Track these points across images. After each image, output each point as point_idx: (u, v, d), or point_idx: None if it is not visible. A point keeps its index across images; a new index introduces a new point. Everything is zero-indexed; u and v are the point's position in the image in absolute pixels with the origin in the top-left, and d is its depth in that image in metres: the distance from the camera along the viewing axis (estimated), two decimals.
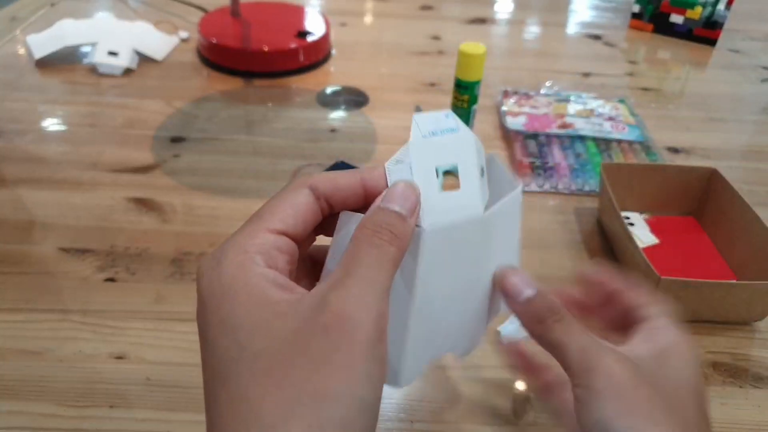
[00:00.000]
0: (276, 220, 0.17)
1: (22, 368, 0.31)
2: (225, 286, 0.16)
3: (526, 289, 0.19)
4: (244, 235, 0.17)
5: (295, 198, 0.17)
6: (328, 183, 0.18)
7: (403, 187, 0.17)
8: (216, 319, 0.15)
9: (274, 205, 0.17)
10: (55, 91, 0.57)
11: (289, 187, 0.18)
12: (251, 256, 0.16)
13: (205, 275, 0.16)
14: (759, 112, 0.60)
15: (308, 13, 0.69)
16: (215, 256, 0.16)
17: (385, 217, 0.17)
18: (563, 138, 0.52)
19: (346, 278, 0.15)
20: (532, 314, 0.19)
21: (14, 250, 0.39)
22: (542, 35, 0.76)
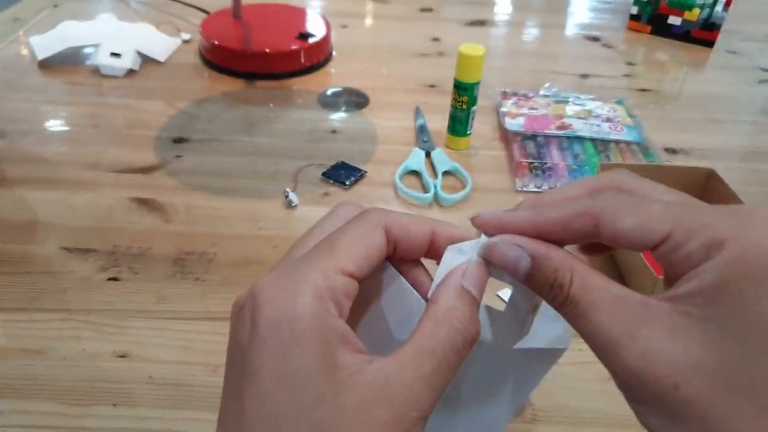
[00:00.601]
0: (351, 261, 0.16)
1: (25, 367, 0.31)
2: (297, 335, 0.14)
3: (519, 261, 0.16)
4: (319, 273, 0.15)
5: (371, 239, 0.16)
6: (402, 229, 0.17)
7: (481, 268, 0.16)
8: (276, 366, 0.14)
9: (348, 241, 0.16)
10: (57, 91, 0.57)
11: (365, 223, 0.17)
12: (326, 303, 0.15)
13: (270, 308, 0.15)
14: (757, 113, 0.61)
15: (309, 15, 0.69)
16: (284, 289, 0.15)
17: (470, 309, 0.16)
18: (562, 139, 0.52)
19: (417, 379, 0.14)
20: (540, 287, 0.16)
21: (17, 250, 0.39)
22: (541, 37, 0.76)
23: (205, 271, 0.38)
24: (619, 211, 0.15)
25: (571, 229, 0.16)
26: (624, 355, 0.14)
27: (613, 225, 0.15)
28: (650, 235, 0.14)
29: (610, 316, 0.14)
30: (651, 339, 0.14)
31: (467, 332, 0.16)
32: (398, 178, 0.47)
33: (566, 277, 0.15)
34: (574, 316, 0.15)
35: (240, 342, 0.15)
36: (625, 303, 0.14)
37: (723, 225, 0.14)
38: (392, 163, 0.49)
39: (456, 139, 0.52)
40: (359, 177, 0.47)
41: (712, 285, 0.13)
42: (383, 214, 0.17)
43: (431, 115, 0.56)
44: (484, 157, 0.51)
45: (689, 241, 0.14)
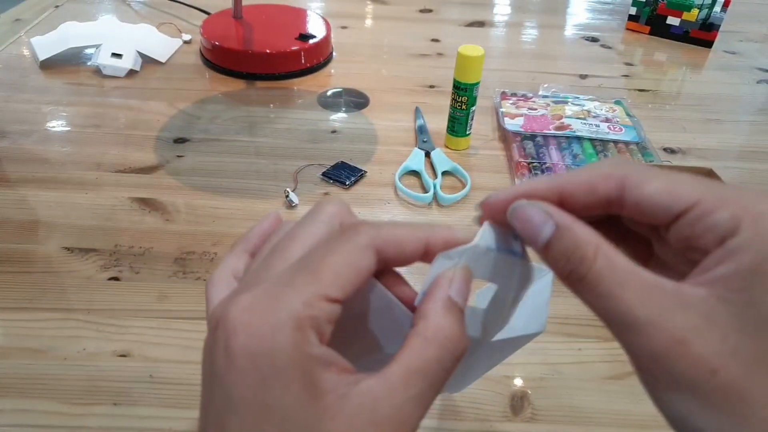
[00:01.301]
0: (337, 287, 0.15)
1: (26, 366, 0.31)
2: (279, 367, 0.14)
3: (543, 226, 0.15)
4: (301, 301, 0.14)
5: (360, 263, 0.15)
6: (395, 247, 0.16)
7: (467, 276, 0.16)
8: (258, 399, 0.14)
9: (335, 264, 0.15)
10: (59, 92, 0.58)
11: (354, 245, 0.15)
12: (306, 333, 0.14)
13: (246, 337, 0.14)
14: (755, 113, 0.61)
15: (309, 15, 0.69)
16: (261, 316, 0.14)
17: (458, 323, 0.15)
18: (560, 139, 0.53)
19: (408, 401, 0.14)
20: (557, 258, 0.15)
21: (18, 250, 0.39)
22: (540, 38, 0.77)
23: (206, 271, 0.38)
24: (646, 175, 0.14)
25: (596, 192, 0.15)
26: (656, 335, 0.13)
27: (639, 188, 0.14)
28: (677, 201, 0.14)
29: (641, 298, 0.14)
30: (687, 324, 0.13)
31: (456, 350, 0.15)
32: (398, 178, 0.47)
33: (590, 252, 0.14)
34: (595, 295, 0.14)
35: (216, 368, 0.14)
36: (657, 286, 0.14)
37: (752, 199, 0.13)
38: (392, 163, 0.49)
39: (455, 139, 0.52)
40: (359, 177, 0.48)
41: (748, 267, 0.13)
42: (374, 232, 0.16)
43: (431, 115, 0.56)
44: (484, 158, 0.52)
45: (718, 209, 0.13)
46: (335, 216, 0.17)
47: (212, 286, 0.18)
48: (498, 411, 0.31)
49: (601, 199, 0.15)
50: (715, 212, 0.13)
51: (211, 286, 0.18)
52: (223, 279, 0.18)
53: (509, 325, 0.18)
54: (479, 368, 0.21)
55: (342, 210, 0.17)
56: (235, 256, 0.19)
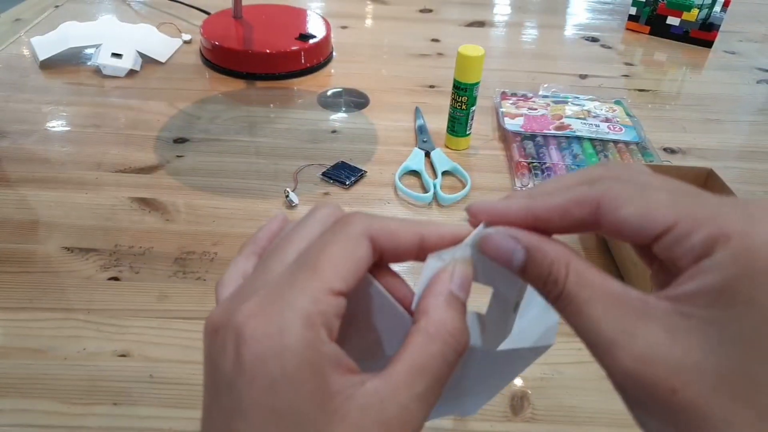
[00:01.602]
0: (339, 278, 0.14)
1: (26, 366, 0.31)
2: (289, 370, 0.13)
3: (514, 254, 0.15)
4: (308, 297, 0.14)
5: (356, 251, 0.15)
6: (389, 237, 0.16)
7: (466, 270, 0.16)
8: (268, 404, 0.13)
9: (334, 256, 0.15)
10: (59, 92, 0.58)
11: (349, 234, 0.15)
12: (318, 330, 0.14)
13: (256, 342, 0.13)
14: (755, 113, 0.61)
15: (309, 15, 0.69)
16: (270, 319, 0.14)
17: (460, 316, 0.15)
18: (560, 139, 0.53)
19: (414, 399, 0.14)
20: (535, 280, 0.15)
21: (19, 250, 0.39)
22: (540, 38, 0.77)
23: (206, 271, 0.38)
24: (620, 197, 0.14)
25: (570, 217, 0.15)
26: (620, 355, 0.13)
27: (614, 212, 0.14)
28: (653, 224, 0.14)
29: (606, 314, 0.14)
30: (649, 340, 0.13)
31: (459, 345, 0.15)
32: (398, 178, 0.47)
33: (561, 272, 0.14)
34: (569, 313, 0.14)
35: (223, 373, 0.14)
36: (623, 301, 0.14)
37: (729, 217, 0.13)
38: (392, 163, 0.49)
39: (455, 139, 0.52)
40: (359, 177, 0.48)
41: (715, 285, 0.12)
42: (367, 221, 0.16)
43: (431, 115, 0.56)
44: (484, 157, 0.52)
45: (694, 232, 0.13)
46: (329, 216, 0.17)
47: (222, 287, 0.18)
48: (498, 411, 0.31)
49: (575, 222, 0.15)
50: (690, 234, 0.13)
51: (220, 287, 0.18)
52: (232, 281, 0.18)
53: (518, 336, 0.18)
54: (488, 384, 0.20)
55: (336, 212, 0.17)
56: (243, 258, 0.19)
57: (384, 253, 0.16)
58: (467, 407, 0.21)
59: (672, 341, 0.13)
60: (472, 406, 0.20)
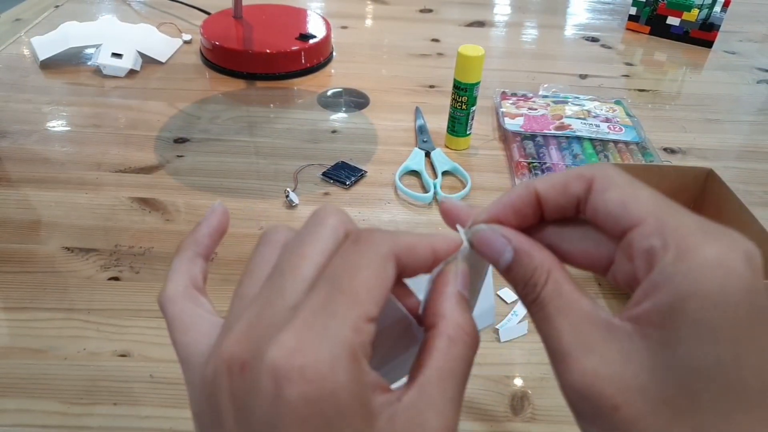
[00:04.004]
0: (374, 304, 0.14)
1: (26, 366, 0.31)
2: (342, 409, 0.13)
3: (503, 253, 0.16)
4: (349, 327, 0.13)
5: (386, 274, 0.15)
6: (410, 255, 0.15)
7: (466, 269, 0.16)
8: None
9: (368, 281, 0.14)
10: (59, 92, 0.58)
11: (379, 255, 0.15)
12: (361, 362, 0.13)
13: (307, 384, 0.12)
14: (755, 113, 0.61)
15: (310, 15, 0.69)
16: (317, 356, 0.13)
17: (472, 317, 0.15)
18: (560, 139, 0.53)
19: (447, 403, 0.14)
20: (516, 281, 0.16)
21: (19, 250, 0.39)
22: (540, 38, 0.77)
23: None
24: (611, 180, 0.15)
25: (568, 191, 0.15)
26: (572, 367, 0.14)
27: (601, 193, 0.15)
28: (627, 216, 0.14)
29: (571, 327, 0.14)
30: (604, 357, 0.13)
31: (475, 345, 0.15)
32: (398, 177, 0.47)
33: (542, 278, 0.15)
34: (539, 318, 0.15)
35: (258, 416, 0.13)
36: (590, 318, 0.14)
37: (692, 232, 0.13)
38: (392, 163, 0.49)
39: (455, 139, 0.52)
40: (359, 177, 0.48)
41: (667, 304, 0.13)
42: (391, 240, 0.15)
43: (431, 115, 0.56)
44: (484, 157, 0.52)
45: (654, 235, 0.13)
46: (339, 226, 0.16)
47: (171, 303, 0.16)
48: (498, 411, 0.31)
49: (571, 199, 0.15)
50: (651, 237, 0.14)
51: (169, 303, 0.16)
52: (181, 293, 0.17)
53: None
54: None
55: (343, 218, 0.16)
56: (187, 262, 0.17)
57: (404, 270, 0.16)
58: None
59: (626, 362, 0.13)
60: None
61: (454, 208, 0.18)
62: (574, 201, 0.15)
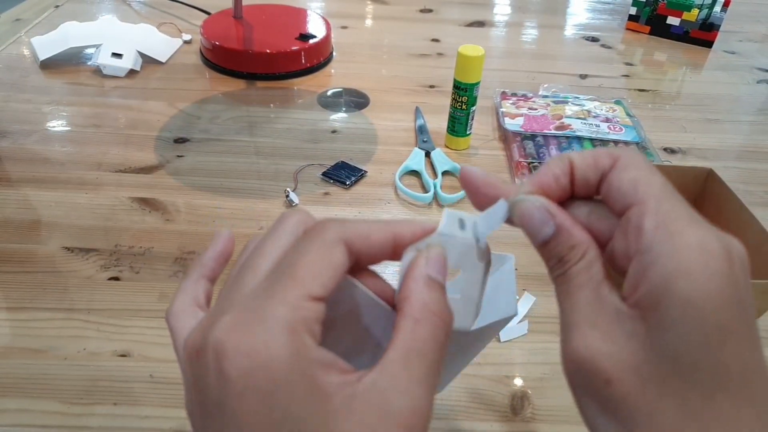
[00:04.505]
0: (317, 284, 0.14)
1: (26, 366, 0.31)
2: (279, 379, 0.13)
3: (543, 226, 0.16)
4: (287, 305, 0.14)
5: (332, 257, 0.15)
6: (363, 240, 0.16)
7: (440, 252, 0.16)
8: (264, 418, 0.13)
9: (311, 263, 0.15)
10: (59, 92, 0.58)
11: (324, 239, 0.15)
12: (302, 337, 0.14)
13: (238, 358, 0.13)
14: (755, 113, 0.61)
15: (310, 15, 0.69)
16: (250, 331, 0.13)
17: (441, 296, 0.15)
18: (561, 139, 0.53)
19: (413, 383, 0.14)
20: (550, 255, 0.16)
21: (19, 249, 0.39)
22: (540, 38, 0.77)
23: None
24: (634, 161, 0.16)
25: (597, 165, 0.16)
26: (576, 339, 0.15)
27: (622, 170, 0.16)
28: (633, 195, 0.15)
29: (586, 303, 0.15)
30: (607, 335, 0.14)
31: (446, 324, 0.15)
32: (398, 177, 0.47)
33: (576, 257, 0.16)
34: (561, 291, 0.16)
35: (210, 394, 0.14)
36: (605, 300, 0.15)
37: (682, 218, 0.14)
38: (392, 163, 0.49)
39: (455, 139, 0.52)
40: (359, 177, 0.48)
41: (658, 285, 0.14)
42: (340, 227, 0.16)
43: (431, 115, 0.56)
44: (484, 157, 0.52)
45: (648, 216, 0.14)
46: (299, 224, 0.17)
47: (175, 318, 0.17)
48: (498, 411, 0.31)
49: (598, 173, 0.16)
50: (645, 216, 0.15)
51: (173, 318, 0.17)
52: (184, 309, 0.18)
53: (482, 314, 0.18)
54: (459, 363, 0.21)
55: (304, 218, 0.17)
56: (192, 283, 0.18)
57: (360, 256, 0.16)
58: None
59: (626, 342, 0.14)
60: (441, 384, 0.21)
61: (473, 175, 0.18)
62: (599, 176, 0.16)
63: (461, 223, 0.17)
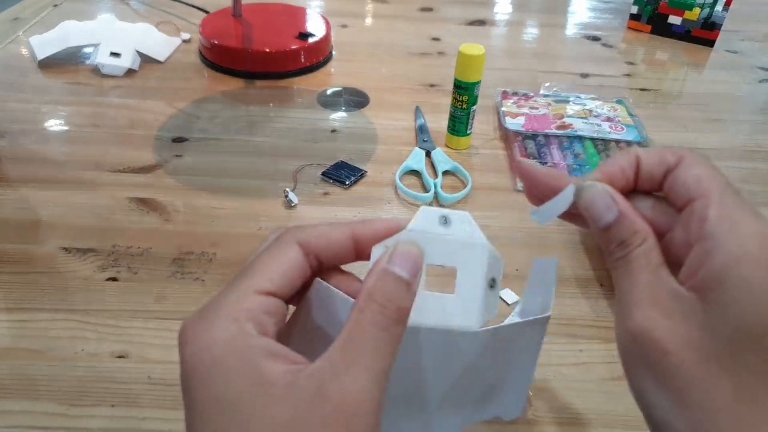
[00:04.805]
0: (265, 279, 0.16)
1: (24, 367, 0.31)
2: (217, 361, 0.15)
3: (607, 211, 0.17)
4: (233, 299, 0.16)
5: (285, 256, 0.17)
6: (320, 239, 0.17)
7: (408, 248, 0.16)
8: (208, 395, 0.15)
9: (262, 262, 0.17)
10: (57, 91, 0.57)
11: (278, 243, 0.17)
12: (242, 324, 0.15)
13: (191, 343, 0.15)
14: (757, 113, 0.61)
15: (309, 14, 0.69)
16: (203, 320, 0.15)
17: (394, 287, 0.16)
18: (562, 138, 0.52)
19: (350, 366, 0.14)
20: (611, 239, 0.17)
21: (17, 250, 0.39)
22: (541, 36, 0.76)
23: (204, 271, 0.38)
24: (699, 160, 0.17)
25: (664, 162, 0.17)
26: (636, 314, 0.16)
27: (688, 167, 0.17)
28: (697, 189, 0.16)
29: (647, 283, 0.16)
30: (666, 312, 0.15)
31: (389, 309, 0.15)
32: (398, 177, 0.47)
33: (637, 241, 0.17)
34: (620, 273, 0.17)
35: (181, 381, 0.16)
36: (665, 281, 0.16)
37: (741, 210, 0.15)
38: (392, 162, 0.49)
39: (456, 138, 0.51)
40: (359, 177, 0.47)
41: (719, 270, 0.15)
42: (298, 230, 0.18)
43: (431, 114, 0.56)
44: (485, 157, 0.51)
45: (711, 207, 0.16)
46: (273, 237, 0.18)
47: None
48: None
49: (663, 168, 0.17)
50: (709, 208, 0.16)
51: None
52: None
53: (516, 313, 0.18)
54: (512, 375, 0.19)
55: (278, 232, 0.18)
56: None
57: (320, 256, 0.17)
58: (506, 408, 0.20)
59: (684, 319, 0.15)
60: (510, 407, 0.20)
61: (531, 166, 0.18)
62: (664, 170, 0.17)
63: (444, 220, 0.17)
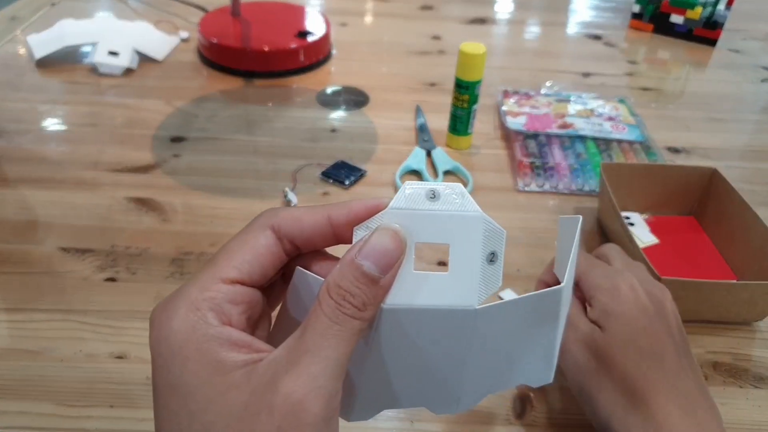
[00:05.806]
0: (230, 267, 0.16)
1: (22, 368, 0.31)
2: (175, 349, 0.15)
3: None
4: (197, 288, 0.16)
5: (255, 241, 0.16)
6: (293, 223, 0.17)
7: (382, 240, 0.15)
8: (165, 381, 0.15)
9: (230, 249, 0.16)
10: (55, 90, 0.57)
11: (250, 228, 0.17)
12: (203, 314, 0.15)
13: (155, 329, 0.15)
14: (759, 112, 0.60)
15: (308, 13, 0.69)
16: (167, 308, 0.16)
17: (354, 281, 0.15)
18: (563, 138, 0.52)
19: (302, 356, 0.14)
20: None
21: (15, 250, 0.39)
22: (542, 35, 0.76)
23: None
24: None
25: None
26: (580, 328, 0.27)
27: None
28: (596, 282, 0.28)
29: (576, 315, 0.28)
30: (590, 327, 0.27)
31: (348, 303, 0.15)
32: (398, 177, 0.46)
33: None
34: None
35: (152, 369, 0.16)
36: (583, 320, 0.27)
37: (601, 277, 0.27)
38: (392, 162, 0.49)
39: (457, 138, 0.51)
40: (359, 176, 0.47)
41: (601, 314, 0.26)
42: (271, 213, 0.17)
43: (432, 113, 0.55)
44: (486, 157, 0.51)
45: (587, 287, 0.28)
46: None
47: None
48: (500, 414, 0.30)
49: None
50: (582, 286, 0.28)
51: None
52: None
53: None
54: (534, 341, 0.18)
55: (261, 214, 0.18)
56: None
57: (294, 239, 0.17)
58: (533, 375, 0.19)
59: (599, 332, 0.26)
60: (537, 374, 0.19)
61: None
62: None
63: (432, 194, 0.16)
